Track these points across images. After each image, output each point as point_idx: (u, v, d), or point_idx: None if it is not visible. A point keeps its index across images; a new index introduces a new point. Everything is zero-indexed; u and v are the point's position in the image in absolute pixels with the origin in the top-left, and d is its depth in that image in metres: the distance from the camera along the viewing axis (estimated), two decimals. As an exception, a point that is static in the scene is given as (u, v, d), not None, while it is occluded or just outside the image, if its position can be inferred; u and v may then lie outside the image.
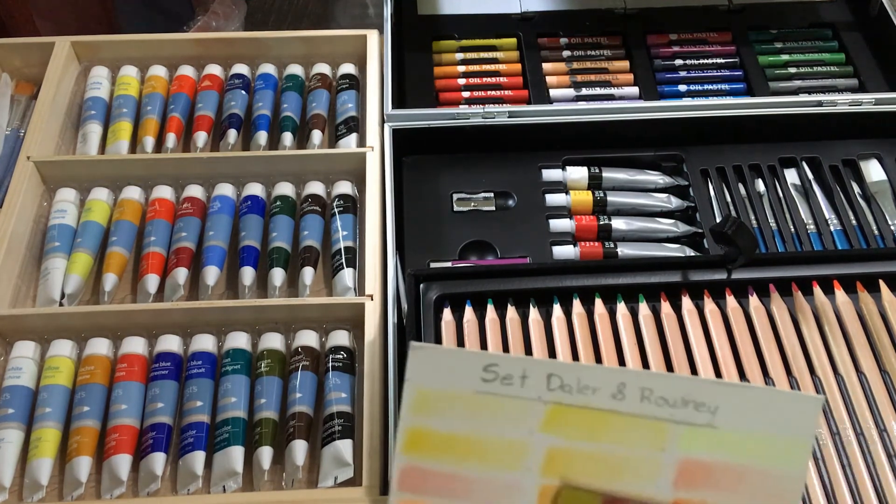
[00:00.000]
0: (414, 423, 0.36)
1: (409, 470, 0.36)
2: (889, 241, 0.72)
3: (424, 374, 0.36)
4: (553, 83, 0.83)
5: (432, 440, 0.36)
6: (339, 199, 0.74)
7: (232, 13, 1.10)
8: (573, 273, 0.61)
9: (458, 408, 0.36)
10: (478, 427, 0.36)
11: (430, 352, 0.36)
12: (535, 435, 0.36)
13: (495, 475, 0.36)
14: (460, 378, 0.36)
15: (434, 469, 0.36)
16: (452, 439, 0.36)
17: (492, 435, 0.36)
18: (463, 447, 0.36)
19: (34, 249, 0.73)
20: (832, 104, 0.78)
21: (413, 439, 0.36)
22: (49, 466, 0.60)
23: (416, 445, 0.36)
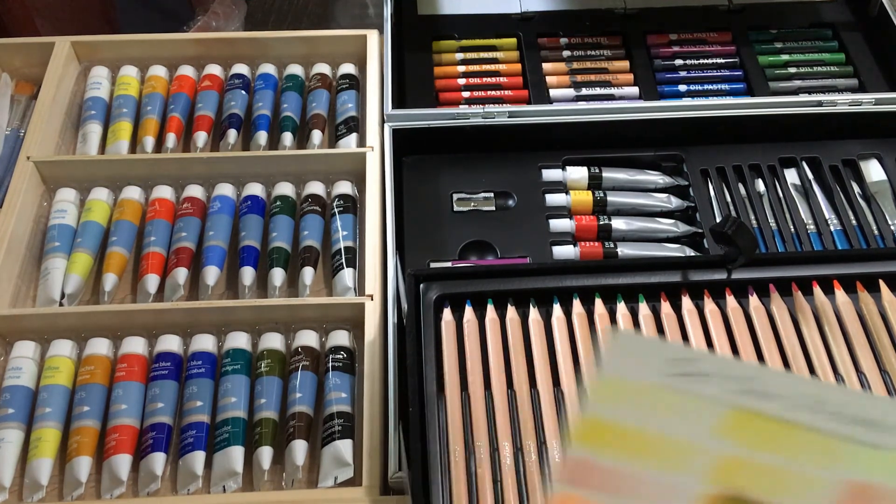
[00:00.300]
0: (594, 413, 0.34)
1: (578, 462, 0.34)
2: (889, 241, 0.72)
3: (618, 362, 0.34)
4: (553, 83, 0.83)
5: (606, 432, 0.34)
6: (339, 199, 0.74)
7: (232, 13, 1.10)
8: (573, 273, 0.61)
9: (638, 400, 0.34)
10: (652, 422, 0.34)
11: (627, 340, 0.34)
12: (709, 438, 0.34)
13: (662, 476, 0.34)
14: (647, 368, 0.34)
15: (601, 463, 0.34)
16: (625, 433, 0.34)
17: (664, 432, 0.34)
18: (633, 442, 0.34)
19: (34, 249, 0.73)
20: (832, 104, 0.78)
21: (589, 429, 0.34)
22: (49, 466, 0.60)
23: (590, 436, 0.34)
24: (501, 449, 0.54)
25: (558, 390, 0.57)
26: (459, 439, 0.54)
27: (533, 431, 0.55)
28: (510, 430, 0.55)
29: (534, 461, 0.53)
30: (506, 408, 0.56)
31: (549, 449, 0.54)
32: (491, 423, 0.55)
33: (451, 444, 0.54)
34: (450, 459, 0.53)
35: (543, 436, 0.55)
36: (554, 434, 0.55)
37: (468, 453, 0.54)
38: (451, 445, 0.54)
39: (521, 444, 0.54)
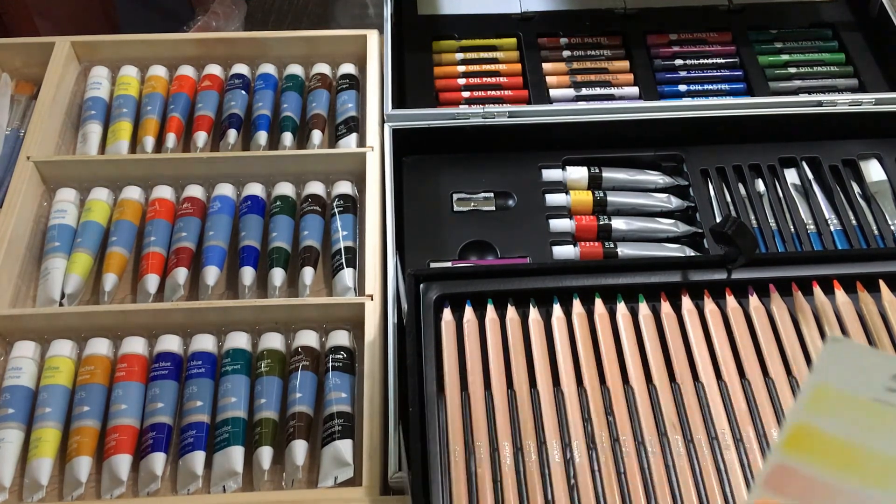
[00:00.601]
0: (805, 420, 0.34)
1: (781, 469, 0.34)
2: (889, 241, 0.72)
3: (832, 370, 0.34)
4: (553, 83, 0.83)
5: (815, 442, 0.34)
6: (339, 199, 0.74)
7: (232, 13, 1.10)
8: (573, 273, 0.61)
9: (852, 412, 0.34)
10: (865, 437, 0.34)
11: (846, 348, 0.33)
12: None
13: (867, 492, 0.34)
14: (864, 381, 0.33)
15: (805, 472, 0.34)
16: (834, 445, 0.34)
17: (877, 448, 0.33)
18: (843, 455, 0.34)
19: (34, 249, 0.73)
20: (832, 104, 0.78)
21: (798, 436, 0.34)
22: (49, 466, 0.60)
23: (798, 443, 0.34)
24: (501, 449, 0.54)
25: (558, 390, 0.57)
26: (459, 439, 0.54)
27: (533, 431, 0.55)
28: (510, 430, 0.55)
29: (534, 461, 0.53)
30: (506, 408, 0.56)
31: (548, 449, 0.54)
32: (491, 423, 0.55)
33: (451, 444, 0.54)
34: (450, 459, 0.53)
35: (543, 436, 0.55)
36: (554, 434, 0.55)
37: (468, 453, 0.54)
38: (451, 445, 0.54)
39: (521, 444, 0.54)
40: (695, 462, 0.54)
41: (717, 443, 0.54)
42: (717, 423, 0.55)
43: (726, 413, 0.56)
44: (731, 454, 0.54)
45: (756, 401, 0.56)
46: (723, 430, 0.55)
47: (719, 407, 0.56)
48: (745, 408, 0.56)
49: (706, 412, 0.56)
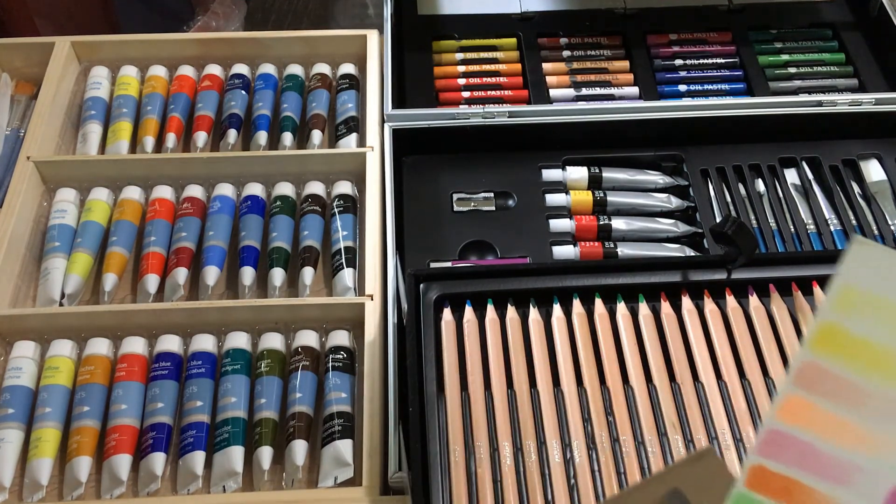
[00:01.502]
0: (831, 320, 0.35)
1: (811, 367, 0.34)
2: (889, 241, 0.72)
3: (858, 271, 0.35)
4: (553, 83, 0.83)
5: (843, 341, 0.34)
6: (339, 199, 0.74)
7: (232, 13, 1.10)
8: (573, 273, 0.61)
9: (881, 315, 0.34)
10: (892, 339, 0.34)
11: (871, 250, 0.34)
12: None
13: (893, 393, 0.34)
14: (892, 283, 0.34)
15: (834, 371, 0.34)
16: (864, 346, 0.34)
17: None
18: (872, 357, 0.34)
19: (34, 249, 0.73)
20: (832, 104, 0.78)
21: (824, 336, 0.35)
22: (49, 466, 0.60)
23: (825, 343, 0.35)
24: (501, 449, 0.54)
25: (558, 390, 0.57)
26: (459, 439, 0.54)
27: (533, 431, 0.55)
28: (510, 430, 0.55)
29: (534, 461, 0.53)
30: (506, 408, 0.56)
31: (548, 449, 0.54)
32: (491, 423, 0.55)
33: (451, 444, 0.54)
34: (450, 459, 0.53)
35: (543, 436, 0.55)
36: (554, 434, 0.55)
37: (468, 453, 0.54)
38: (451, 445, 0.54)
39: (521, 444, 0.54)
40: (695, 462, 0.54)
41: (717, 443, 0.54)
42: (717, 423, 0.55)
43: (726, 413, 0.56)
44: (732, 454, 0.54)
45: (756, 401, 0.56)
46: (723, 430, 0.55)
47: (719, 407, 0.56)
48: (745, 408, 0.56)
49: (706, 412, 0.56)
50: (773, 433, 0.35)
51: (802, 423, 0.35)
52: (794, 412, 0.35)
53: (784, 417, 0.35)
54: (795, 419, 0.35)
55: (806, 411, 0.35)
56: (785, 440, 0.35)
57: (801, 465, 0.34)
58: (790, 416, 0.35)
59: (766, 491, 0.35)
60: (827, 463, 0.34)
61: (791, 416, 0.35)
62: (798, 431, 0.35)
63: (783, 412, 0.35)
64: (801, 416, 0.35)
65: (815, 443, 0.34)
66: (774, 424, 0.35)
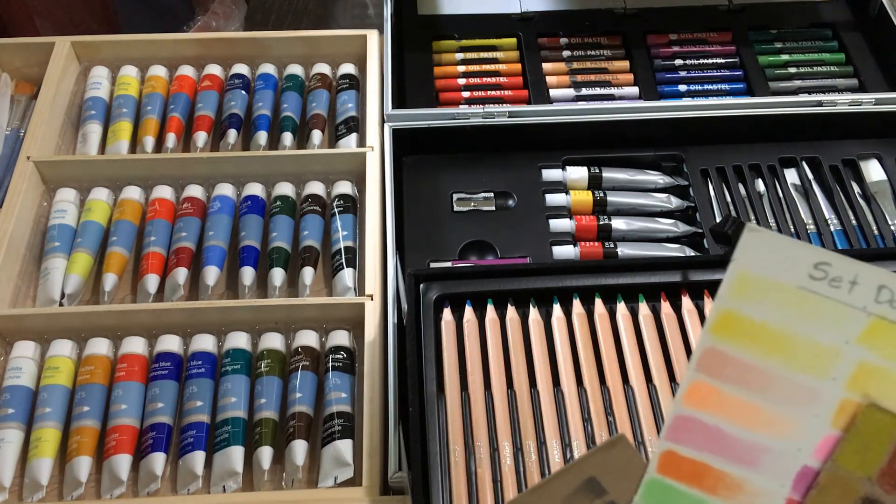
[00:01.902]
0: (729, 306, 0.35)
1: (712, 352, 0.35)
2: (889, 241, 0.72)
3: (752, 258, 0.35)
4: (553, 83, 0.83)
5: (743, 326, 0.35)
6: (339, 199, 0.74)
7: (232, 13, 1.10)
8: (573, 273, 0.61)
9: (777, 300, 0.35)
10: (793, 323, 0.35)
11: (764, 237, 0.35)
12: (850, 345, 0.34)
13: (797, 377, 0.35)
14: (787, 269, 0.35)
15: (736, 356, 0.35)
16: (763, 330, 0.35)
17: (805, 335, 0.34)
18: (772, 341, 0.35)
19: (34, 249, 0.73)
20: (832, 104, 0.78)
21: (724, 322, 0.35)
22: (49, 466, 0.60)
23: (725, 328, 0.35)
24: (501, 449, 0.54)
25: (558, 390, 0.57)
26: (459, 439, 0.54)
27: (533, 431, 0.55)
28: (510, 430, 0.55)
29: (534, 461, 0.53)
30: (506, 408, 0.56)
31: (548, 449, 0.54)
32: (491, 423, 0.55)
33: (451, 444, 0.54)
34: (450, 459, 0.53)
35: (543, 436, 0.55)
36: (554, 434, 0.55)
37: (468, 453, 0.54)
38: (451, 445, 0.54)
39: (521, 444, 0.54)
40: (695, 462, 0.54)
41: (717, 443, 0.54)
42: (717, 423, 0.55)
43: (726, 413, 0.56)
44: (731, 454, 0.54)
45: (756, 401, 0.56)
46: (723, 430, 0.55)
47: (719, 407, 0.56)
48: (745, 408, 0.56)
49: (706, 412, 0.56)
50: (681, 418, 0.35)
51: (708, 407, 0.35)
52: (699, 397, 0.35)
53: (690, 403, 0.35)
54: (701, 404, 0.35)
55: (711, 396, 0.35)
56: (692, 425, 0.35)
57: (710, 449, 0.35)
58: (696, 401, 0.35)
59: (678, 475, 0.35)
60: (735, 446, 0.35)
61: (697, 401, 0.35)
62: (705, 416, 0.35)
63: (689, 397, 0.35)
64: (707, 400, 0.35)
65: (722, 426, 0.35)
66: (681, 410, 0.36)
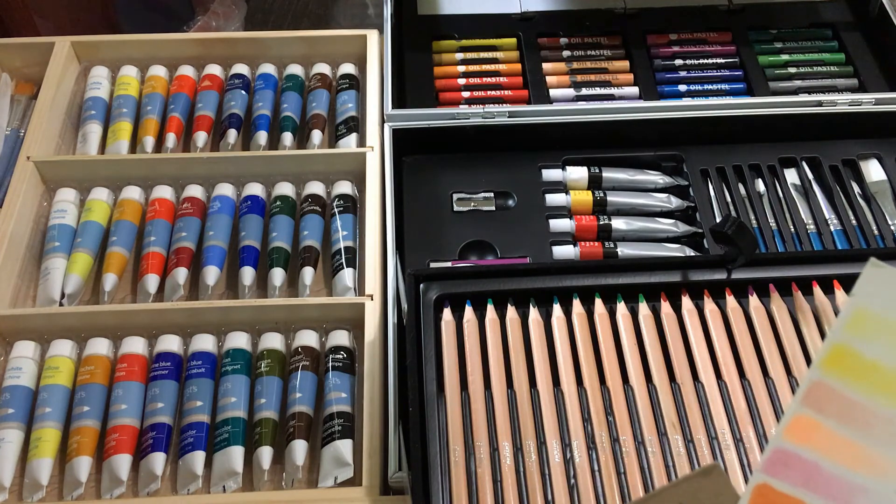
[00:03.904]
0: (842, 341, 0.35)
1: (821, 387, 0.35)
2: (889, 241, 0.72)
3: (872, 294, 0.35)
4: (553, 83, 0.83)
5: (853, 363, 0.35)
6: (339, 199, 0.74)
7: (232, 13, 1.10)
8: (573, 273, 0.61)
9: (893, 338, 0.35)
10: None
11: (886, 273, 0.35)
12: None
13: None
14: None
15: (843, 393, 0.35)
16: (873, 368, 0.35)
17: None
18: (881, 379, 0.35)
19: (34, 249, 0.73)
20: (832, 104, 0.78)
21: (835, 356, 0.35)
22: (49, 466, 0.60)
23: (835, 364, 0.35)
24: (501, 449, 0.54)
25: (558, 390, 0.57)
26: (459, 439, 0.54)
27: (533, 431, 0.55)
28: (510, 430, 0.55)
29: (534, 461, 0.53)
30: (506, 408, 0.56)
31: (548, 449, 0.54)
32: (491, 423, 0.55)
33: (451, 444, 0.54)
34: (450, 459, 0.53)
35: (543, 436, 0.55)
36: (554, 434, 0.55)
37: (468, 453, 0.54)
38: (451, 445, 0.54)
39: (521, 444, 0.54)
40: (695, 462, 0.54)
41: (716, 443, 0.54)
42: (717, 423, 0.55)
43: (726, 413, 0.56)
44: (731, 454, 0.54)
45: (756, 401, 0.56)
46: (723, 429, 0.55)
47: (719, 407, 0.56)
48: (745, 408, 0.56)
49: (706, 412, 0.56)
50: (780, 452, 0.35)
51: (809, 442, 0.35)
52: (801, 432, 0.35)
53: (791, 437, 0.35)
54: (802, 439, 0.35)
55: (813, 431, 0.35)
56: (791, 459, 0.35)
57: (806, 485, 0.34)
58: (797, 435, 0.35)
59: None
60: (832, 483, 0.34)
61: (798, 436, 0.35)
62: (804, 451, 0.35)
63: (790, 431, 0.35)
64: (808, 435, 0.35)
65: (821, 463, 0.34)
66: (781, 443, 0.35)
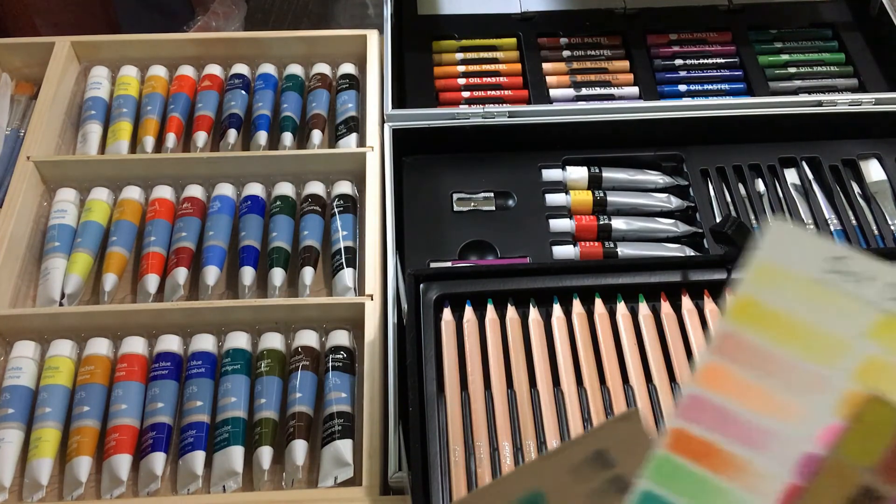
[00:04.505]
0: (748, 292, 0.37)
1: (729, 336, 0.37)
2: (889, 241, 0.72)
3: (774, 248, 0.37)
4: (553, 83, 0.83)
5: (760, 313, 0.37)
6: (339, 199, 0.74)
7: (232, 13, 1.10)
8: (573, 273, 0.61)
9: (794, 290, 0.36)
10: (806, 313, 0.36)
11: (786, 230, 0.36)
12: (859, 339, 0.36)
13: (807, 366, 0.36)
14: (806, 261, 0.36)
15: (751, 341, 0.36)
16: (779, 318, 0.36)
17: (817, 325, 0.36)
18: (786, 328, 0.36)
19: (34, 249, 0.73)
20: (832, 104, 0.78)
21: (743, 307, 0.37)
22: (49, 466, 0.60)
23: (743, 314, 0.37)
24: (501, 449, 0.54)
25: (558, 390, 0.57)
26: (459, 439, 0.54)
27: (533, 431, 0.55)
28: (510, 429, 0.55)
29: (534, 461, 0.53)
30: (506, 408, 0.56)
31: (548, 448, 0.54)
32: (491, 423, 0.55)
33: (451, 444, 0.54)
34: (450, 459, 0.53)
35: (543, 436, 0.55)
36: (554, 434, 0.55)
37: (468, 453, 0.54)
38: (451, 445, 0.54)
39: (521, 444, 0.54)
40: (695, 462, 0.54)
41: (717, 443, 0.54)
42: (717, 423, 0.55)
43: (726, 413, 0.56)
44: (731, 454, 0.54)
45: (756, 401, 0.56)
46: (723, 430, 0.55)
47: (719, 407, 0.56)
48: (745, 408, 0.56)
49: (706, 412, 0.56)
50: (693, 398, 0.37)
51: (720, 388, 0.36)
52: (712, 378, 0.37)
53: (703, 383, 0.37)
54: (713, 385, 0.37)
55: (724, 377, 0.36)
56: (704, 404, 0.36)
57: (718, 429, 0.36)
58: (709, 382, 0.37)
59: (686, 453, 0.36)
60: (743, 427, 0.36)
61: (709, 382, 0.37)
62: (716, 397, 0.36)
63: (702, 378, 0.37)
64: (719, 382, 0.37)
65: (732, 407, 0.36)
66: (694, 389, 0.37)
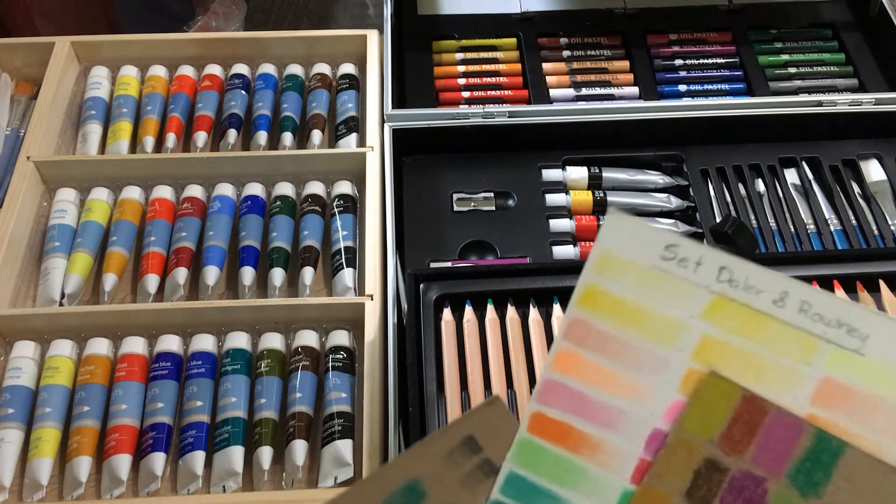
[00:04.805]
0: (592, 281, 0.40)
1: (577, 323, 0.39)
2: (889, 241, 0.72)
3: (612, 239, 0.40)
4: (553, 83, 0.83)
5: (603, 300, 0.39)
6: (339, 199, 0.74)
7: (232, 13, 1.10)
8: (573, 273, 0.61)
9: (633, 277, 0.39)
10: (646, 298, 0.39)
11: (623, 221, 0.39)
12: (695, 319, 0.39)
13: (650, 347, 0.39)
14: (643, 250, 0.39)
15: (597, 327, 0.39)
16: (621, 304, 0.39)
17: (656, 309, 0.39)
18: (628, 313, 0.39)
19: (34, 249, 0.73)
20: (832, 104, 0.78)
21: (588, 295, 0.40)
22: (49, 466, 0.60)
23: (588, 301, 0.40)
24: (501, 449, 0.54)
25: (558, 390, 0.57)
26: (459, 439, 0.54)
27: (533, 431, 0.55)
28: (510, 430, 0.55)
29: (534, 461, 0.53)
30: (506, 408, 0.56)
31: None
32: (491, 423, 0.55)
33: (451, 444, 0.54)
34: (450, 459, 0.53)
35: (543, 436, 0.55)
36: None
37: (468, 453, 0.54)
38: (450, 445, 0.54)
39: (521, 444, 0.54)
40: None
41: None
42: (717, 423, 0.55)
43: (726, 413, 0.56)
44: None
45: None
46: (723, 430, 0.55)
47: (719, 407, 0.56)
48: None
49: (706, 412, 0.56)
50: (549, 382, 0.39)
51: (573, 373, 0.39)
52: (565, 363, 0.39)
53: (558, 368, 0.39)
54: (567, 370, 0.39)
55: (575, 362, 0.39)
56: (559, 388, 0.39)
57: (573, 411, 0.39)
58: (563, 367, 0.39)
59: (546, 435, 0.39)
60: (595, 408, 0.39)
61: (563, 367, 0.39)
62: (570, 380, 0.39)
63: (557, 363, 0.39)
64: (572, 366, 0.39)
65: (584, 390, 0.39)
66: (550, 374, 0.39)
